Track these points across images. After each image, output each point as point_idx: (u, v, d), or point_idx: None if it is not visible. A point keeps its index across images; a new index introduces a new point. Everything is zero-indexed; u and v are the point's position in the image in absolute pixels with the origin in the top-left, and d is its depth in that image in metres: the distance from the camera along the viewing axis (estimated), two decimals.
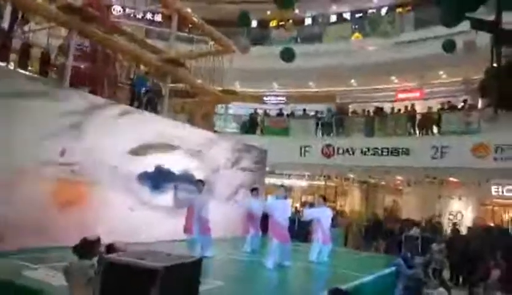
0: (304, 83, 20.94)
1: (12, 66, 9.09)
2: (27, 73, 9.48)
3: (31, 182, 6.33)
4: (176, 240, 7.87)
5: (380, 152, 15.34)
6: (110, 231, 6.71)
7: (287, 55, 12.00)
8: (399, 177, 17.90)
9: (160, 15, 21.31)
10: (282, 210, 7.25)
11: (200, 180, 8.13)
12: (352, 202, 19.83)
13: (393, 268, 7.81)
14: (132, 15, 20.77)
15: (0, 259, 5.32)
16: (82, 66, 12.09)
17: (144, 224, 7.99)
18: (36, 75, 9.56)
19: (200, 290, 4.93)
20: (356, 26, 19.07)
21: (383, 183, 19.74)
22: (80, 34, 10.22)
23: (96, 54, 12.41)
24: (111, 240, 4.52)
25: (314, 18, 21.75)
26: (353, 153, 15.71)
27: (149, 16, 21.51)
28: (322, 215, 8.02)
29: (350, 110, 19.58)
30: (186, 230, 7.56)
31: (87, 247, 3.69)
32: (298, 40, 19.82)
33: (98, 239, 3.96)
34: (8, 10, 9.49)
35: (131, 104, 11.15)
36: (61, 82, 9.62)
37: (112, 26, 11.93)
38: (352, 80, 20.18)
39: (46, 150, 6.65)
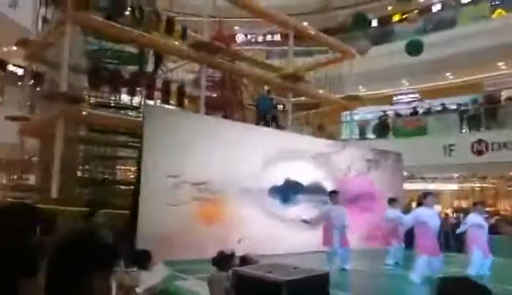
0: (440, 75, 18.78)
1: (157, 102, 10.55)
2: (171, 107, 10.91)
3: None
4: (313, 252, 7.75)
5: None
6: (248, 244, 7.07)
7: (413, 48, 10.95)
8: None
9: (279, 35, 22.12)
10: (429, 219, 6.45)
11: (334, 192, 7.88)
12: None
13: None
14: (253, 40, 22.15)
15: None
16: (214, 95, 13.43)
17: (279, 237, 8.13)
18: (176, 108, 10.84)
19: None
20: (496, 2, 16.33)
21: None
22: (209, 66, 11.33)
23: (224, 82, 13.62)
24: (245, 253, 4.71)
25: (443, 3, 19.53)
26: None
27: (269, 37, 22.51)
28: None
29: (503, 97, 16.64)
30: (326, 242, 7.32)
31: (223, 260, 3.89)
32: (427, 29, 17.97)
33: (233, 253, 4.14)
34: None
35: (257, 123, 11.75)
36: (198, 111, 10.76)
37: (235, 53, 12.91)
38: (501, 63, 17.20)
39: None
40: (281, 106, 15.36)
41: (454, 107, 16.20)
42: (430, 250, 6.33)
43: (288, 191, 9.01)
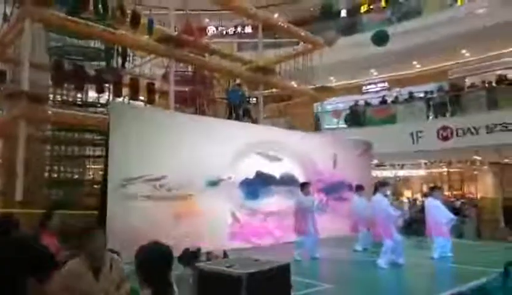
0: (407, 64, 19.27)
1: (125, 99, 10.36)
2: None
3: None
4: (287, 243, 7.89)
5: (511, 126, 13.14)
6: (217, 239, 7.12)
7: (379, 38, 11.21)
8: None
9: (250, 27, 22.06)
10: (384, 207, 6.72)
11: (305, 183, 8.00)
12: (484, 188, 17.34)
13: None
14: (224, 33, 22.03)
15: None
16: (184, 90, 13.31)
17: (248, 230, 8.22)
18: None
19: (306, 292, 4.86)
20: None
21: None
22: (177, 60, 11.20)
23: (194, 77, 13.50)
24: (212, 248, 4.77)
25: None
26: (477, 132, 13.73)
27: (239, 30, 22.42)
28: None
29: (467, 84, 17.27)
30: (299, 232, 7.44)
31: (188, 257, 3.93)
32: (394, 20, 18.35)
33: (198, 250, 4.19)
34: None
35: (229, 117, 11.75)
36: (167, 106, 10.65)
37: (204, 47, 12.78)
38: (464, 51, 17.81)
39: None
40: (254, 99, 15.40)
41: (421, 95, 16.67)
42: (392, 235, 6.57)
43: (260, 183, 9.08)
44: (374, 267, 6.44)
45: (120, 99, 10.05)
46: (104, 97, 10.31)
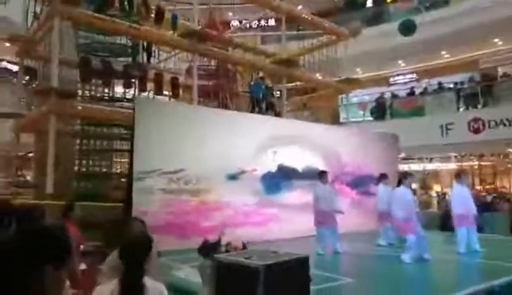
0: (436, 54, 18.63)
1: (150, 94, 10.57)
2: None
3: None
4: (311, 236, 7.82)
5: None
6: (237, 231, 7.15)
7: (406, 28, 10.89)
8: None
9: (273, 19, 21.90)
10: (408, 200, 6.52)
11: (323, 172, 7.82)
12: None
13: None
14: (248, 26, 21.97)
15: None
16: (208, 84, 13.42)
17: (272, 223, 8.23)
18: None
19: (326, 286, 4.83)
20: None
21: None
22: (200, 54, 11.29)
23: (218, 71, 13.59)
24: (232, 239, 4.79)
25: None
26: (510, 124, 13.15)
27: (263, 23, 22.30)
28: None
29: (499, 74, 16.51)
30: (318, 223, 7.30)
31: (207, 248, 3.98)
32: (421, 9, 17.74)
33: (218, 241, 4.23)
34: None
35: (251, 111, 11.75)
36: (191, 100, 10.78)
37: (227, 40, 12.83)
38: (496, 39, 17.04)
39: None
40: (278, 92, 15.34)
41: (451, 86, 16.08)
42: (414, 229, 6.39)
43: (282, 177, 9.06)
44: (398, 262, 6.30)
45: (145, 94, 10.26)
46: (131, 92, 10.56)
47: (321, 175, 7.64)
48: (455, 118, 14.20)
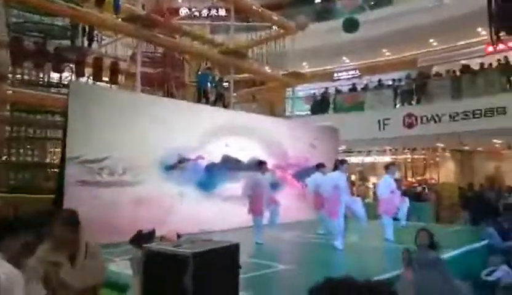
0: (378, 52, 19.61)
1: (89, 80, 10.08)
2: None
3: None
4: (250, 227, 7.98)
5: (471, 114, 13.66)
6: (182, 223, 7.10)
7: (349, 25, 11.32)
8: (497, 141, 15.77)
9: (224, 9, 21.69)
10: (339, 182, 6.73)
11: (262, 162, 7.84)
12: (446, 174, 18.08)
13: (485, 242, 6.91)
14: (198, 15, 21.59)
15: None
16: (153, 72, 13.06)
17: (214, 214, 8.27)
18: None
19: (261, 274, 5.00)
20: None
21: (479, 149, 17.62)
22: (145, 41, 10.93)
23: (164, 59, 13.25)
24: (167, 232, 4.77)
25: None
26: (439, 120, 14.21)
27: (213, 12, 22.04)
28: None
29: (433, 73, 17.77)
30: (254, 211, 7.30)
31: (140, 239, 3.93)
32: (366, 7, 18.55)
33: (152, 232, 4.19)
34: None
35: (198, 101, 11.63)
36: (133, 87, 10.44)
37: (175, 28, 12.51)
38: (432, 40, 18.28)
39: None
40: (226, 83, 15.30)
41: (389, 83, 17.04)
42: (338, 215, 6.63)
43: (226, 168, 9.12)
44: (332, 249, 6.65)
45: (83, 80, 9.77)
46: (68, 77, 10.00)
47: (260, 165, 7.70)
48: (391, 114, 15.09)
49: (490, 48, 17.26)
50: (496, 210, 10.40)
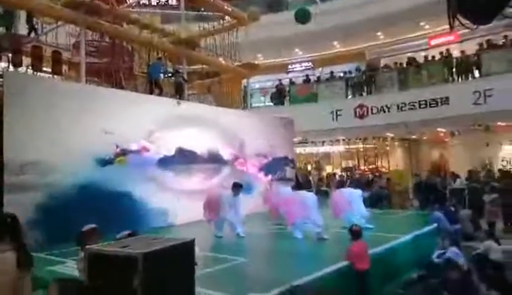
0: (329, 44, 19.97)
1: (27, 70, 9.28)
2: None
3: None
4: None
5: (417, 105, 14.32)
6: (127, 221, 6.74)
7: (301, 16, 11.33)
8: (442, 129, 16.72)
9: None
10: None
11: (239, 185, 7.38)
12: (395, 162, 18.92)
13: (434, 225, 7.25)
14: (147, 3, 20.75)
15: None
16: (100, 61, 12.28)
17: (169, 209, 7.97)
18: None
19: (220, 268, 4.84)
20: None
21: (425, 138, 18.59)
22: (89, 28, 10.25)
23: (112, 48, 12.50)
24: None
25: None
26: (388, 110, 14.79)
27: (163, 0, 21.27)
28: None
29: (382, 65, 18.43)
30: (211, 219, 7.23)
31: (82, 239, 3.63)
32: (317, 0, 18.76)
33: (93, 230, 3.87)
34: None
35: (150, 92, 11.13)
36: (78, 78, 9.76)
37: (122, 15, 11.84)
38: (379, 33, 18.91)
39: None
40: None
41: (341, 75, 17.43)
42: None
43: (181, 161, 8.81)
44: (291, 239, 6.65)
45: (21, 70, 8.97)
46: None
47: (236, 187, 7.35)
48: (343, 105, 15.48)
49: (433, 42, 18.23)
50: (444, 195, 11.01)
